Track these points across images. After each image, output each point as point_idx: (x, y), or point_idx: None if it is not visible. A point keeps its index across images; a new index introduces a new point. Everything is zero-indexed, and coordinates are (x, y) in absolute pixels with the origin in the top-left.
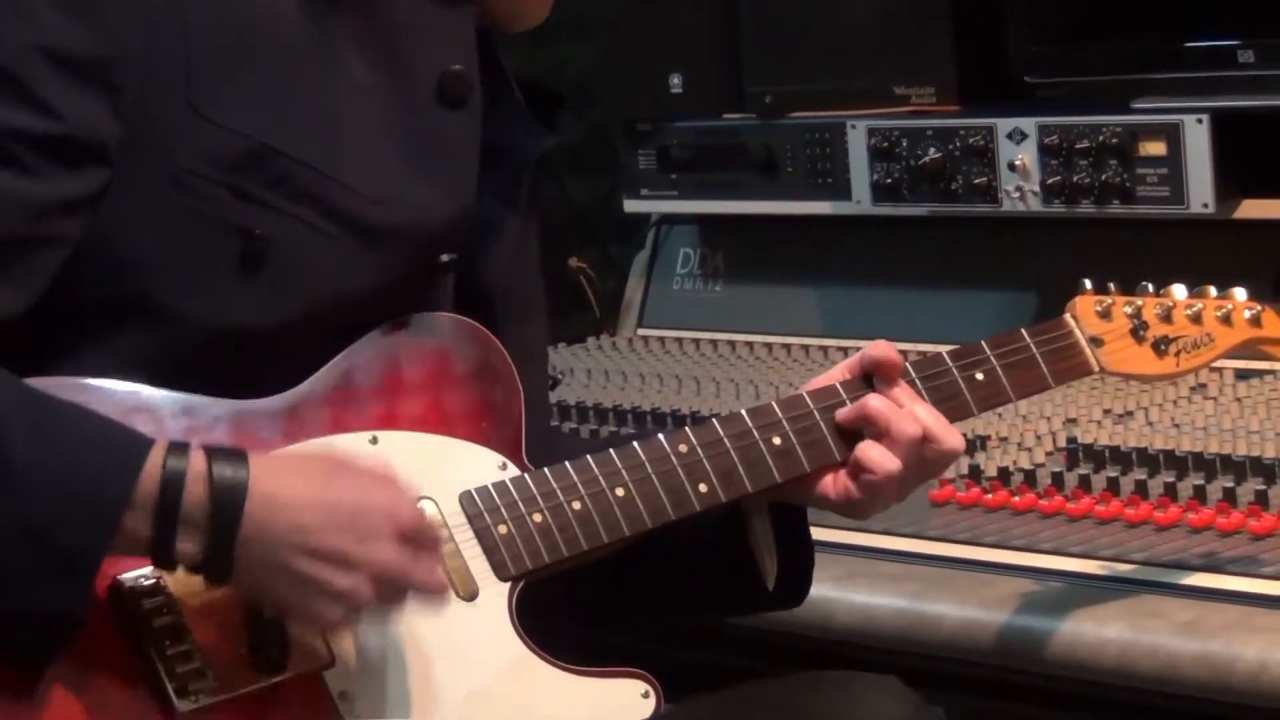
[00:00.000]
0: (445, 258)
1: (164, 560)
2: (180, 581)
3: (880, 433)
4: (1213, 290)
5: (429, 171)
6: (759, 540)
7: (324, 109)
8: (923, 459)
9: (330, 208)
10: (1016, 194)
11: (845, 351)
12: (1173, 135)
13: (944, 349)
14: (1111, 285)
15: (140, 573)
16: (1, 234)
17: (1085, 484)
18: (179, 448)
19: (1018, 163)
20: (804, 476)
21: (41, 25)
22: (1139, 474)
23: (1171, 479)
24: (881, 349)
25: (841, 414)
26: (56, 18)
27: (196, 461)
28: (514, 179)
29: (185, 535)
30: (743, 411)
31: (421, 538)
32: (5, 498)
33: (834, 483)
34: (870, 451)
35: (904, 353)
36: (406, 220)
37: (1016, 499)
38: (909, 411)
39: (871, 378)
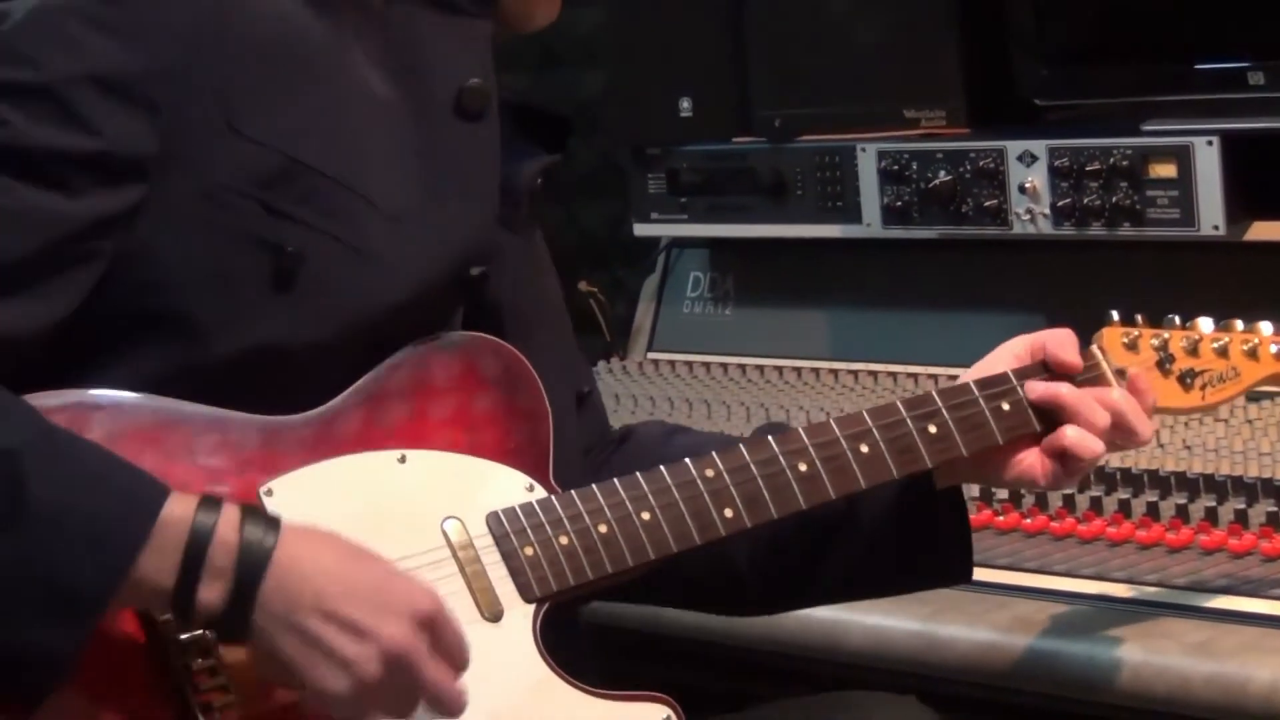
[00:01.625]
0: (475, 271)
1: (183, 609)
2: None
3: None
4: (1239, 324)
5: (450, 185)
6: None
7: (349, 124)
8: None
9: (358, 224)
10: (1027, 216)
11: (856, 375)
12: (1183, 157)
13: (957, 372)
14: (1139, 317)
15: None
16: (40, 251)
17: (1097, 506)
18: (211, 502)
19: (1028, 185)
20: (995, 458)
21: (82, 45)
22: (1151, 496)
23: (1183, 501)
24: (1062, 344)
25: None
26: (97, 37)
27: (228, 517)
28: (512, 202)
29: (207, 587)
30: (769, 437)
31: (438, 630)
32: (16, 533)
33: (1040, 465)
34: (1081, 440)
35: (914, 376)
36: (430, 236)
37: (1028, 521)
38: (1101, 400)
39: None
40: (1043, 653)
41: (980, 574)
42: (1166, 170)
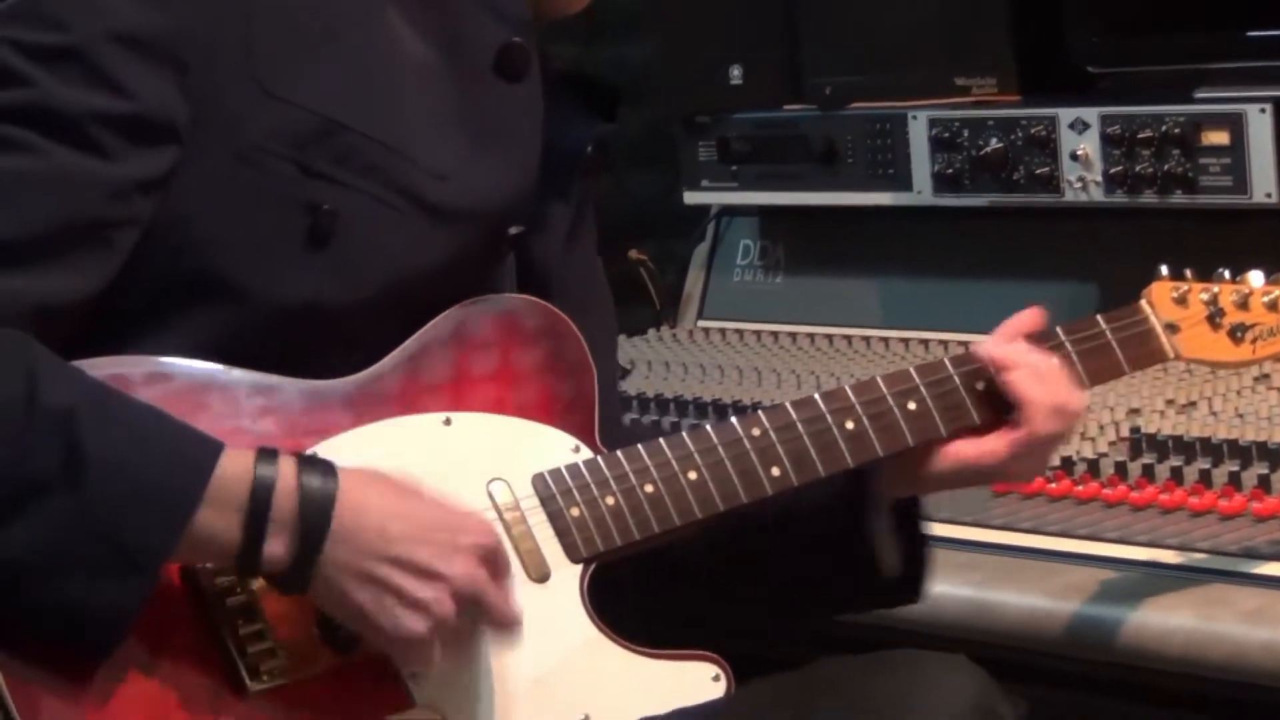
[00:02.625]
0: (514, 230)
1: (249, 564)
2: None
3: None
4: None
5: (490, 145)
6: (880, 533)
7: (387, 85)
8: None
9: (397, 183)
10: (1079, 184)
11: (906, 344)
12: (1236, 125)
13: None
14: (1188, 272)
15: None
16: (75, 216)
17: (1149, 474)
18: (268, 454)
19: (1080, 153)
20: (939, 449)
21: (108, 6)
22: (1203, 463)
23: (1236, 468)
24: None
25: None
26: (124, 1)
27: (286, 469)
28: (565, 171)
29: (274, 540)
30: (815, 395)
31: (498, 562)
32: (75, 488)
33: (976, 444)
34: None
35: (965, 344)
36: (472, 195)
37: (1080, 488)
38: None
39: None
40: (1094, 619)
41: (1032, 541)
42: (1219, 138)
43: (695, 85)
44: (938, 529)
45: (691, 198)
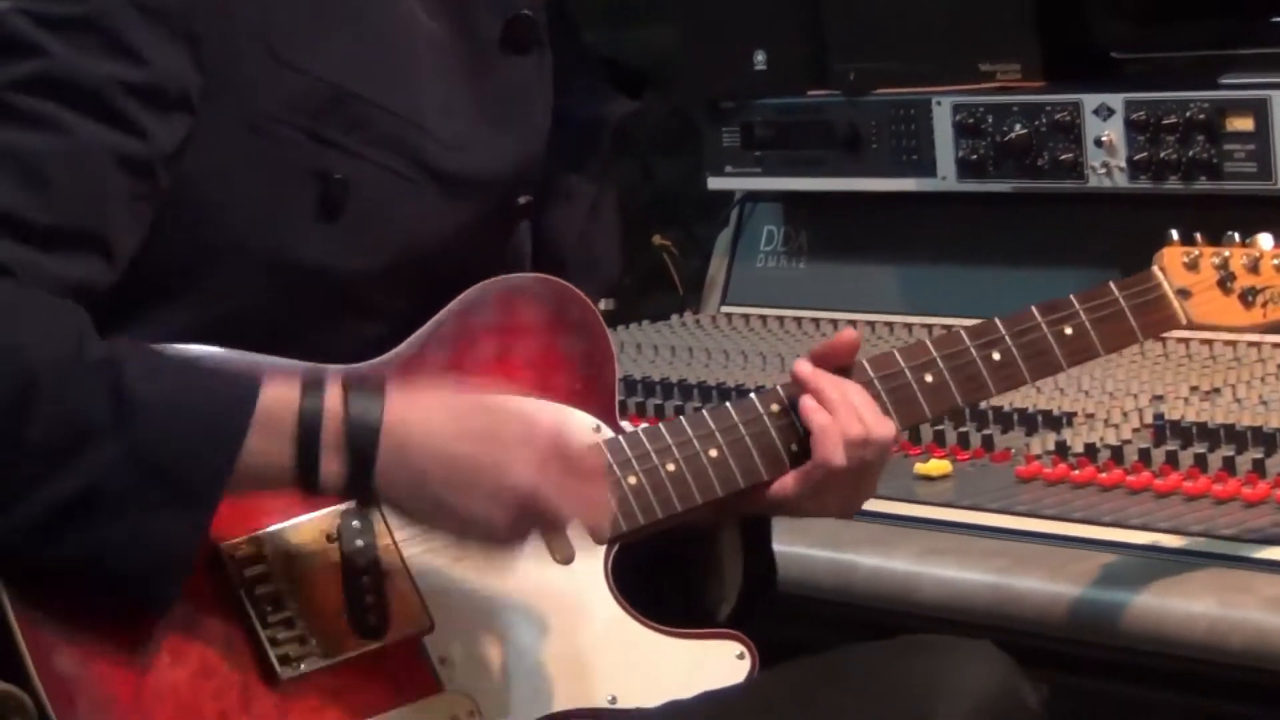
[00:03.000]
0: (522, 200)
1: (308, 487)
2: (281, 549)
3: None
4: None
5: (500, 116)
6: (725, 552)
7: (399, 56)
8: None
9: (409, 153)
10: (1103, 170)
11: (930, 329)
12: (1260, 111)
13: None
14: (1198, 236)
15: (241, 541)
16: (105, 192)
17: (1173, 460)
18: (314, 383)
19: (1104, 139)
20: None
21: None
22: (1227, 450)
23: (1260, 455)
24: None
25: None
26: None
27: (333, 396)
28: (590, 146)
29: (327, 461)
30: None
31: (566, 449)
32: (126, 428)
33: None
34: (824, 442)
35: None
36: (482, 165)
37: (1103, 475)
38: (851, 405)
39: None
40: (1118, 605)
41: (1055, 527)
42: (1244, 124)
43: (719, 70)
44: (960, 515)
45: (715, 183)
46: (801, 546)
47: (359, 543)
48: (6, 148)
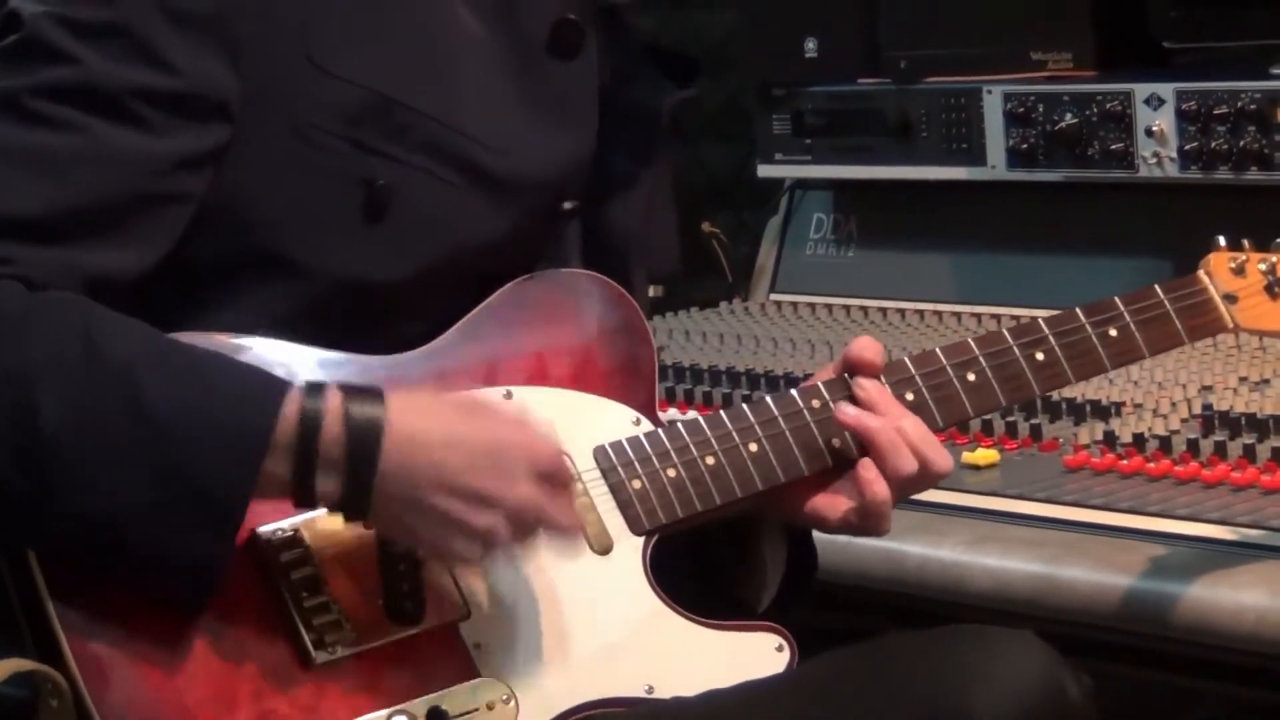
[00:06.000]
0: (568, 205)
1: (304, 499)
2: (318, 534)
3: (875, 462)
4: None
5: (546, 121)
6: (765, 541)
7: (440, 61)
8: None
9: (452, 158)
10: (1154, 160)
11: (979, 318)
12: None
13: None
14: (1245, 242)
15: (278, 525)
16: (122, 191)
17: (1221, 450)
18: (315, 388)
19: (1155, 128)
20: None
21: None
22: (1275, 441)
23: None
24: (863, 344)
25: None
26: None
27: (332, 400)
28: (646, 134)
29: (324, 474)
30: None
31: (556, 477)
32: (141, 444)
33: (809, 501)
34: (867, 473)
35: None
36: (527, 170)
37: (1151, 465)
38: (902, 436)
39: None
40: (1165, 596)
41: (1102, 517)
42: None
43: (771, 57)
44: (1007, 504)
45: (765, 170)
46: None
47: None
48: (31, 149)
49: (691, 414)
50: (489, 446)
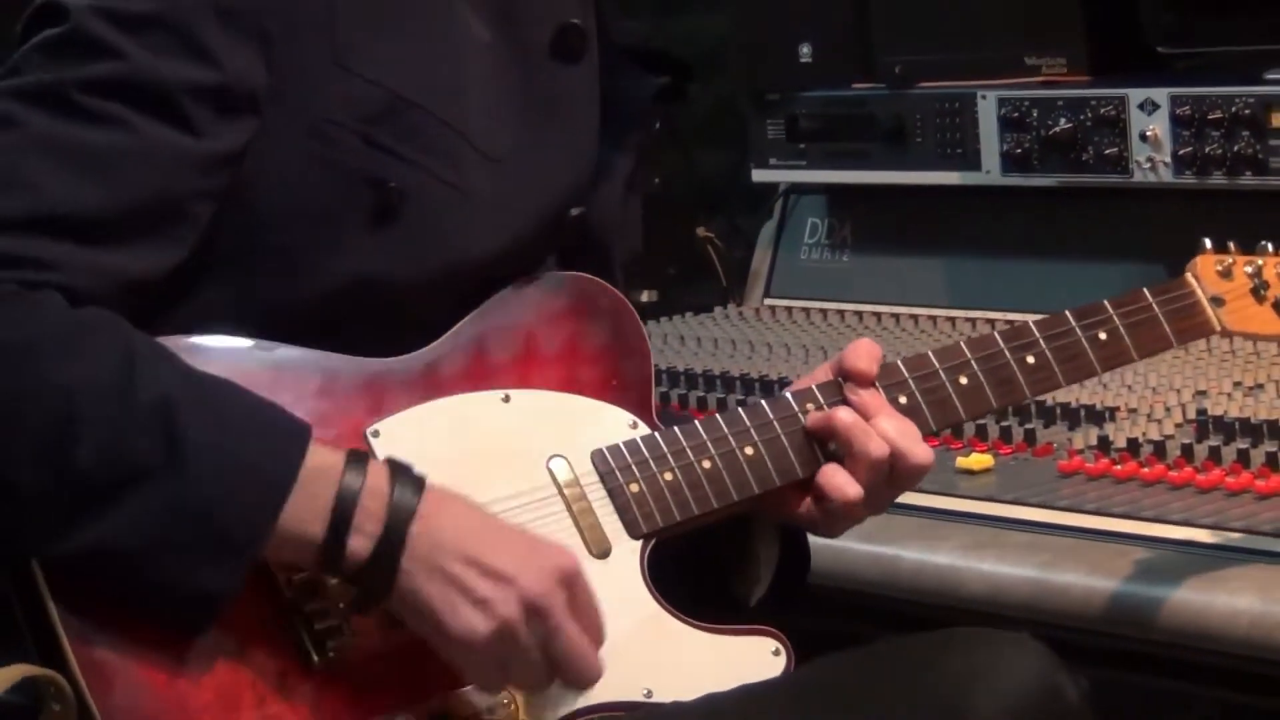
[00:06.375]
0: (574, 212)
1: (331, 563)
2: None
3: (844, 451)
4: None
5: (549, 128)
6: (758, 538)
7: (451, 64)
8: (893, 473)
9: (458, 163)
10: (1148, 165)
11: (973, 323)
12: None
13: None
14: (1231, 245)
15: None
16: (165, 191)
17: (1215, 456)
18: (358, 459)
19: (1149, 133)
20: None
21: None
22: (1269, 446)
23: None
24: (859, 353)
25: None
26: None
27: (375, 477)
28: (624, 125)
29: (356, 540)
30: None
31: (577, 586)
32: (176, 477)
33: (802, 503)
34: (833, 477)
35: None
36: (530, 177)
37: (1146, 470)
38: (875, 428)
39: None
40: (1159, 601)
41: (1096, 522)
42: None
43: (765, 62)
44: (1002, 509)
45: (759, 175)
46: (844, 539)
47: None
48: (73, 144)
49: (680, 426)
50: (515, 539)
